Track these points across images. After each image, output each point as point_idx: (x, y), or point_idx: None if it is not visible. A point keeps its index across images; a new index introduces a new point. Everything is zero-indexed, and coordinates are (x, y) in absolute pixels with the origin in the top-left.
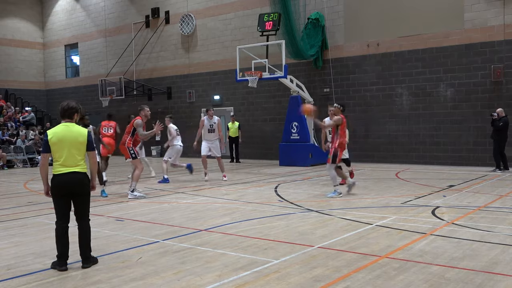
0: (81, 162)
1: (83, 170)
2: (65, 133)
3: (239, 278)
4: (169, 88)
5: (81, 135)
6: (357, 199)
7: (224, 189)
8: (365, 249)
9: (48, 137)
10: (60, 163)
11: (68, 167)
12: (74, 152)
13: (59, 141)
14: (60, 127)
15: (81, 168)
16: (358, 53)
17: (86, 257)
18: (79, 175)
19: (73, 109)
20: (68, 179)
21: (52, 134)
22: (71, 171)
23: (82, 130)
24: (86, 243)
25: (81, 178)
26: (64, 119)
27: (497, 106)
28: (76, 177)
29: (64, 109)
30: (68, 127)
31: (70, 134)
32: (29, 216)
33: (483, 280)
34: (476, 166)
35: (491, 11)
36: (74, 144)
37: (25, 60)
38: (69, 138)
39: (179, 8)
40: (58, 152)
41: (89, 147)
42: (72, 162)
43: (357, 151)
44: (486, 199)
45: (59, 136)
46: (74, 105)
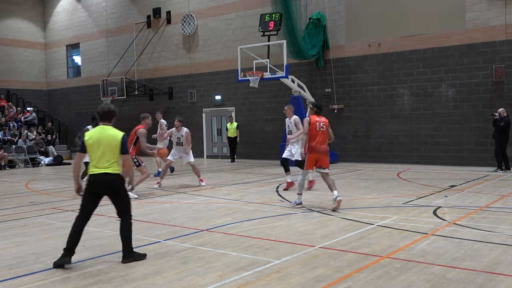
0: (113, 164)
1: (115, 171)
2: (100, 135)
3: (240, 278)
4: (170, 88)
5: (115, 139)
6: (359, 199)
7: (226, 189)
8: (367, 249)
9: (85, 138)
10: (94, 164)
11: (100, 168)
12: (107, 154)
13: (94, 143)
14: (97, 129)
15: (113, 169)
16: (359, 53)
17: (128, 252)
18: (110, 176)
19: (112, 112)
20: (100, 180)
21: (89, 136)
22: (102, 172)
23: (118, 133)
24: (127, 239)
25: (112, 179)
26: (103, 122)
27: (498, 106)
28: (108, 178)
29: (105, 111)
30: (105, 129)
31: (106, 136)
32: (30, 216)
33: (484, 281)
34: (477, 166)
35: (492, 11)
36: (108, 147)
37: (27, 60)
38: (104, 141)
39: (181, 8)
40: (93, 153)
41: (123, 150)
42: (105, 164)
43: (358, 151)
44: (488, 199)
45: (95, 138)
46: (113, 109)
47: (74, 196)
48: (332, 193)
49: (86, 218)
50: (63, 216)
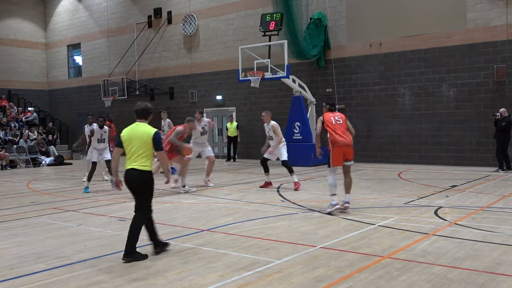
0: (142, 160)
1: (142, 167)
2: (134, 132)
3: (241, 278)
4: (171, 88)
5: (147, 135)
6: (360, 199)
7: (227, 189)
8: (368, 249)
9: (122, 134)
10: (127, 159)
11: (130, 164)
12: (138, 150)
13: (129, 139)
14: (132, 126)
15: (141, 165)
16: (360, 53)
17: (129, 250)
18: (136, 172)
19: (149, 110)
20: (128, 175)
21: (125, 132)
22: (131, 167)
23: (150, 130)
24: (132, 237)
25: (138, 175)
26: (139, 119)
27: (500, 106)
28: (133, 174)
29: (142, 109)
30: (139, 126)
31: (138, 133)
32: (31, 216)
33: (485, 281)
34: (479, 166)
35: (494, 11)
36: (140, 143)
37: (28, 60)
38: (136, 137)
39: (182, 8)
40: (127, 148)
41: (156, 147)
42: (134, 159)
43: (359, 151)
44: (489, 199)
45: (129, 134)
46: (150, 106)
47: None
48: (345, 196)
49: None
50: (64, 216)
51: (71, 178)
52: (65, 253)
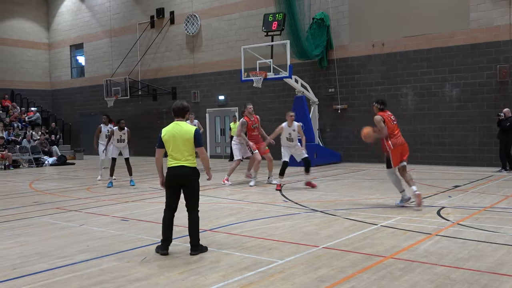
0: (189, 157)
1: (191, 164)
2: (175, 130)
3: (243, 278)
4: (174, 88)
5: (188, 133)
6: (362, 200)
7: (229, 189)
8: (370, 250)
9: (162, 134)
10: (172, 157)
11: (177, 161)
12: (182, 148)
13: (170, 138)
14: (172, 125)
15: (189, 162)
16: (363, 53)
17: (194, 245)
18: (186, 168)
19: (185, 108)
20: (177, 172)
21: (165, 132)
22: (179, 164)
23: (190, 128)
24: (195, 232)
25: (188, 172)
26: (177, 118)
27: (503, 106)
28: (184, 170)
29: (179, 108)
30: (179, 125)
31: (179, 131)
32: (34, 216)
33: (488, 281)
34: (482, 166)
35: (497, 10)
36: (182, 141)
37: (31, 60)
38: (178, 135)
39: (184, 8)
40: (170, 147)
41: (196, 143)
42: (181, 157)
43: (362, 151)
44: (492, 199)
45: (170, 133)
46: (186, 105)
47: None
48: (411, 188)
49: (172, 209)
50: (66, 216)
51: (73, 178)
52: (67, 253)
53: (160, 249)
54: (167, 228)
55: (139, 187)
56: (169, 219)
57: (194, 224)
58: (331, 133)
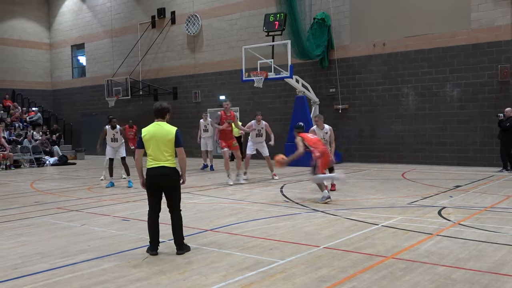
0: (169, 157)
1: (172, 165)
2: (156, 130)
3: (244, 278)
4: (175, 88)
5: (170, 133)
6: (363, 200)
7: (230, 189)
8: (371, 250)
9: (142, 134)
10: (152, 157)
11: (158, 162)
12: (163, 148)
13: (151, 138)
14: (153, 125)
15: (170, 163)
16: (364, 53)
17: (178, 244)
18: (166, 169)
19: (165, 109)
20: (157, 172)
21: (146, 132)
22: (160, 165)
23: (172, 128)
24: (178, 231)
25: (169, 172)
26: (157, 118)
27: (504, 106)
28: (164, 171)
29: (158, 109)
30: (160, 125)
31: (161, 132)
32: (35, 216)
33: (489, 281)
34: (483, 166)
35: (498, 10)
36: (163, 141)
37: (32, 60)
38: (159, 135)
39: (185, 8)
40: (150, 147)
41: (177, 143)
42: (162, 157)
43: (363, 151)
44: (493, 199)
45: (151, 134)
46: (166, 106)
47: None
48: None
49: (155, 210)
50: (67, 216)
51: (74, 178)
52: (68, 253)
53: (150, 250)
54: (153, 230)
55: (139, 187)
56: (155, 221)
57: (178, 224)
58: None
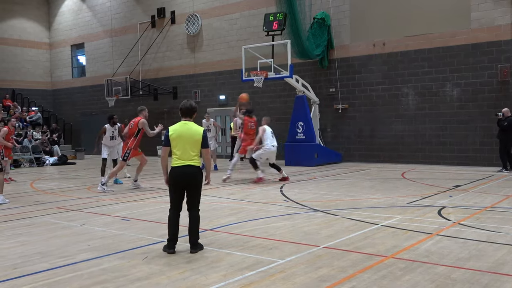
0: (195, 157)
1: (197, 164)
2: (184, 130)
3: (244, 278)
4: (175, 88)
5: (197, 133)
6: (363, 199)
7: (230, 189)
8: (371, 249)
9: (169, 132)
10: (177, 156)
11: (183, 161)
12: (189, 148)
13: (178, 137)
14: (180, 124)
15: (195, 162)
16: (364, 52)
17: (193, 243)
18: (192, 168)
19: (194, 108)
20: (183, 171)
21: (173, 130)
22: (185, 164)
23: (199, 128)
24: (195, 230)
25: (194, 172)
26: (185, 118)
27: (503, 106)
28: (190, 170)
29: (188, 108)
30: (187, 125)
31: (188, 131)
32: (35, 216)
33: (489, 281)
34: (482, 166)
35: (498, 10)
36: (190, 141)
37: (32, 60)
38: (187, 135)
39: (185, 8)
40: (176, 146)
41: (203, 144)
42: (188, 157)
43: (362, 151)
44: (493, 199)
45: (178, 133)
46: (194, 105)
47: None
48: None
49: (177, 209)
50: (67, 216)
51: (74, 177)
52: (68, 253)
53: (167, 248)
54: (174, 227)
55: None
56: (176, 219)
57: (195, 223)
58: (332, 133)
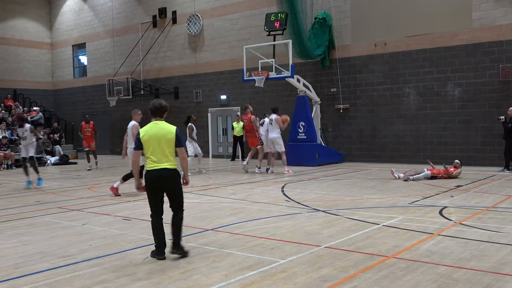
0: (171, 158)
1: (173, 166)
2: (156, 130)
3: (245, 277)
4: (176, 88)
5: (170, 133)
6: (364, 199)
7: (231, 188)
8: (372, 249)
9: (140, 135)
10: (152, 159)
11: (158, 164)
12: (164, 149)
13: (150, 139)
14: (151, 125)
15: (171, 164)
16: (365, 52)
17: (175, 243)
18: (168, 171)
19: (164, 107)
20: (159, 175)
21: (144, 132)
22: (161, 167)
23: (171, 128)
24: (178, 231)
25: (171, 174)
26: (155, 117)
27: (505, 106)
28: (166, 173)
29: (157, 107)
30: (158, 125)
31: (160, 131)
32: (36, 215)
33: (491, 281)
34: (484, 166)
35: (499, 10)
36: (164, 141)
37: (33, 60)
38: (159, 136)
39: (186, 8)
40: (150, 149)
41: (178, 143)
42: (162, 158)
43: (364, 151)
44: (494, 199)
45: (150, 134)
46: (165, 104)
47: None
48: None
49: (158, 213)
50: (69, 215)
51: (76, 177)
52: (69, 252)
53: (156, 255)
54: (159, 233)
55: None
56: (159, 224)
57: (178, 223)
58: (333, 132)
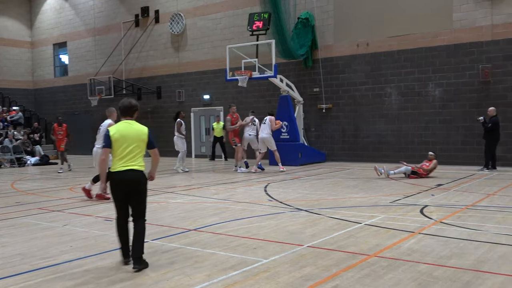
0: (139, 159)
1: (141, 168)
2: (129, 130)
3: (228, 277)
4: (158, 87)
5: (143, 133)
6: (347, 198)
7: (214, 188)
8: (354, 248)
9: (110, 132)
10: (120, 159)
11: (126, 165)
12: (134, 150)
13: (122, 138)
14: (123, 124)
15: (140, 166)
16: (347, 52)
17: (137, 257)
18: (137, 173)
19: (134, 107)
20: (126, 177)
21: (115, 130)
22: (129, 168)
23: (143, 128)
24: (140, 243)
25: (138, 177)
26: (125, 117)
27: (485, 106)
28: (134, 175)
29: (127, 106)
30: (132, 125)
31: (134, 132)
32: (16, 217)
33: (470, 278)
34: (464, 165)
35: (479, 11)
36: (136, 142)
37: (13, 59)
38: (132, 136)
39: (169, 7)
40: (118, 148)
41: (151, 145)
42: (131, 159)
43: (346, 150)
44: (474, 197)
45: (122, 133)
46: (135, 103)
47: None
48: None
49: (124, 217)
50: (49, 216)
51: (56, 178)
52: (50, 254)
53: (123, 258)
54: (124, 237)
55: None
56: (125, 228)
57: (140, 235)
58: (316, 132)
